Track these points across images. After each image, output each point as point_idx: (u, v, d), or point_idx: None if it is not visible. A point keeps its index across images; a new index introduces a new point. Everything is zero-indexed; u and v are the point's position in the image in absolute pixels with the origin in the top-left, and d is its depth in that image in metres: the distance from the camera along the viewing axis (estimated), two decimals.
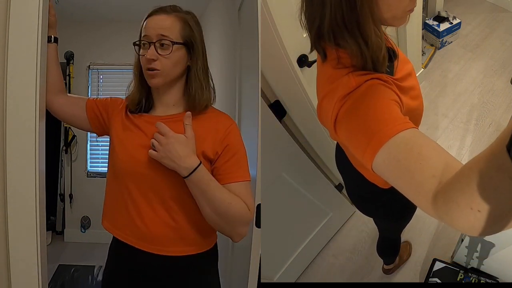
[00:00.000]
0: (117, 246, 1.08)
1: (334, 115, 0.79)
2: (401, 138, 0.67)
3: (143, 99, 1.08)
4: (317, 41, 0.87)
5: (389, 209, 1.29)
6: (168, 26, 1.02)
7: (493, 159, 0.45)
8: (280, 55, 1.33)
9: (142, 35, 1.04)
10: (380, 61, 0.81)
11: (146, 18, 1.04)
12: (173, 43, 1.01)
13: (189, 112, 1.00)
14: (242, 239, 1.05)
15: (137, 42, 1.05)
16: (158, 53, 1.01)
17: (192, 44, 1.04)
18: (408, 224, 1.49)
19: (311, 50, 0.92)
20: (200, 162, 0.96)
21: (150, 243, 1.03)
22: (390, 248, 1.84)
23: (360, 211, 1.41)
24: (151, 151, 0.97)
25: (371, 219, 1.63)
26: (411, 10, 0.82)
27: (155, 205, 1.01)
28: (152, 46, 1.01)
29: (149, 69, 1.02)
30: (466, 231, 0.52)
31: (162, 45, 1.01)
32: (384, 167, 0.68)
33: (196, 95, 1.03)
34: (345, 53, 0.83)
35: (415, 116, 0.94)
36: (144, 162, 1.00)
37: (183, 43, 1.03)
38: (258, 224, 1.23)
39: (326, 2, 0.77)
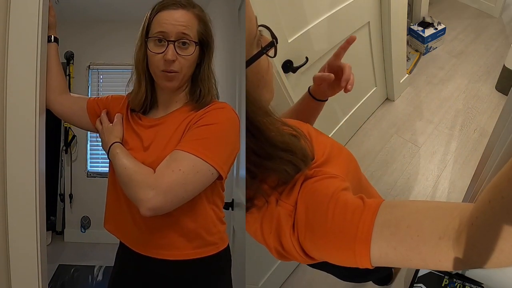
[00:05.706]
0: (120, 248, 1.07)
1: (298, 246, 0.67)
2: (380, 226, 0.58)
3: (148, 100, 1.01)
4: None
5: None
6: (189, 23, 0.92)
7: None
8: None
9: (157, 30, 0.91)
10: (308, 155, 0.71)
11: (158, 11, 0.93)
12: (196, 43, 0.92)
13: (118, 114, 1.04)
14: (153, 211, 0.86)
15: (152, 37, 0.92)
16: (177, 53, 0.91)
17: (208, 43, 0.96)
18: None
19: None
20: (118, 141, 0.97)
21: (145, 246, 0.99)
22: (384, 279, 1.84)
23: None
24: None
25: None
26: None
27: None
28: (171, 46, 0.90)
29: (167, 71, 0.92)
30: None
31: (183, 44, 0.91)
32: (387, 261, 0.59)
33: (204, 92, 0.96)
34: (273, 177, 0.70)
35: (355, 169, 0.85)
36: None
37: (199, 42, 0.95)
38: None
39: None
